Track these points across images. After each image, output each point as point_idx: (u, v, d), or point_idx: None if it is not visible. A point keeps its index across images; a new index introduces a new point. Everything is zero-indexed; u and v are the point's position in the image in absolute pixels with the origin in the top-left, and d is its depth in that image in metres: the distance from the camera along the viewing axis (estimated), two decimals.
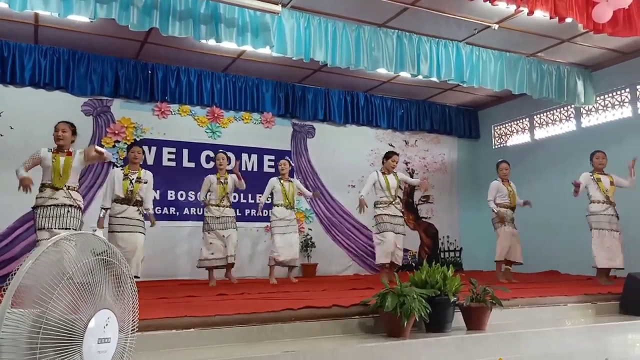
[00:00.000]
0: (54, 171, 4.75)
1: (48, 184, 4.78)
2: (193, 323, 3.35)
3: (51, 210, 4.70)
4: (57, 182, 4.76)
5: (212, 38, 5.53)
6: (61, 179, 4.77)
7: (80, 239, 1.42)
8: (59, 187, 4.76)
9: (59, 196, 4.75)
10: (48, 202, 4.71)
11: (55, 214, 4.70)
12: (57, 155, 4.81)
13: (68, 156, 4.84)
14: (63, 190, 4.78)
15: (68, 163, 4.81)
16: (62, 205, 4.74)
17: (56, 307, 1.30)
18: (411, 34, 6.61)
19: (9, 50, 6.90)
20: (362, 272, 9.08)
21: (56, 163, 4.77)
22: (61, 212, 4.71)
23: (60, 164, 4.78)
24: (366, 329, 3.76)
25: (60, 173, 4.76)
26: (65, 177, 4.80)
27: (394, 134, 9.88)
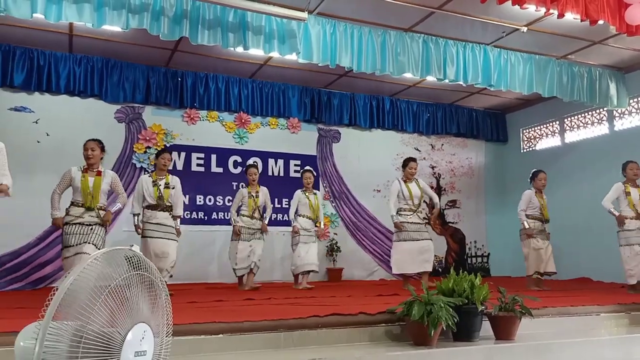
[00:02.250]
0: (84, 192, 4.90)
1: (78, 203, 4.91)
2: (221, 329, 3.40)
3: (76, 228, 4.85)
4: (89, 202, 4.91)
5: (240, 45, 5.61)
6: (93, 200, 4.92)
7: (118, 254, 1.47)
8: (92, 207, 4.91)
9: (86, 216, 4.89)
10: (76, 221, 4.86)
11: (79, 232, 4.85)
12: (86, 175, 4.94)
13: (97, 176, 4.97)
14: (94, 210, 4.93)
15: (97, 184, 4.94)
16: (88, 224, 4.88)
17: (96, 321, 1.35)
18: (437, 38, 6.57)
19: (45, 59, 7.13)
20: (388, 277, 9.04)
21: (85, 183, 4.90)
22: (85, 230, 4.86)
23: (89, 185, 4.90)
24: (393, 337, 3.75)
25: (90, 194, 4.90)
26: (96, 198, 4.95)
27: (420, 138, 9.82)
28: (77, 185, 4.93)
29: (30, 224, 6.63)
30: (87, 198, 4.90)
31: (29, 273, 6.78)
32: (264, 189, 6.91)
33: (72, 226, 4.85)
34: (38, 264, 6.84)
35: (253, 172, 6.83)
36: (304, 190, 7.04)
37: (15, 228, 6.24)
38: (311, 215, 6.95)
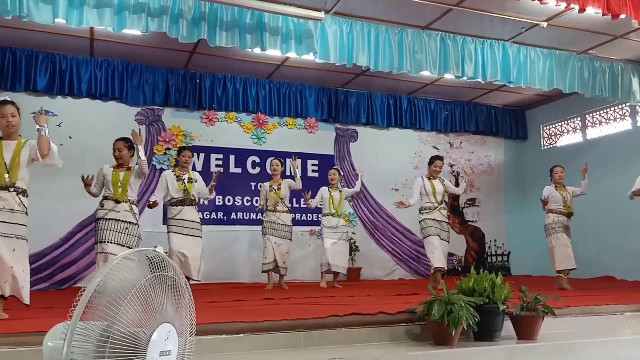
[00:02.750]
0: (114, 185, 4.97)
1: (110, 197, 4.99)
2: (242, 329, 3.42)
3: (111, 224, 4.89)
4: (117, 195, 4.97)
5: (258, 47, 5.64)
6: (122, 192, 4.98)
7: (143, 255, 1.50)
8: (121, 200, 4.97)
9: (120, 209, 4.94)
10: (109, 216, 4.91)
11: (114, 229, 4.88)
12: (117, 171, 5.03)
13: (127, 171, 5.06)
14: (126, 203, 4.99)
15: (127, 178, 5.02)
16: (123, 221, 4.93)
17: (122, 321, 1.38)
18: (455, 35, 6.52)
19: (67, 63, 7.27)
20: (407, 277, 9.02)
21: (116, 177, 4.99)
22: (120, 228, 4.91)
23: (119, 178, 4.99)
24: (413, 337, 3.73)
25: (120, 186, 4.97)
26: (124, 191, 5.00)
27: (439, 137, 9.77)
28: (108, 180, 5.02)
29: (55, 225, 6.77)
30: (117, 190, 4.98)
31: (54, 274, 6.92)
32: (286, 180, 6.95)
33: (107, 222, 4.89)
34: (62, 264, 6.98)
35: (275, 163, 6.92)
36: (330, 187, 7.11)
37: (40, 230, 6.34)
38: (331, 212, 6.98)
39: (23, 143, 4.07)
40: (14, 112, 4.01)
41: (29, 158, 4.04)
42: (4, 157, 3.94)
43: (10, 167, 3.94)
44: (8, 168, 3.93)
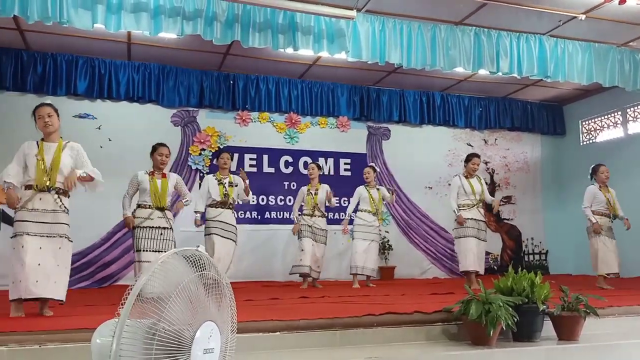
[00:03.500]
0: (153, 193, 5.09)
1: (146, 205, 5.10)
2: (278, 327, 3.46)
3: (146, 232, 5.02)
4: (157, 202, 5.10)
5: (290, 47, 5.68)
6: (160, 201, 5.11)
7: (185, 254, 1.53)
8: (161, 207, 5.11)
9: (154, 217, 5.07)
10: (144, 224, 5.04)
11: (149, 236, 5.02)
12: (154, 178, 5.14)
13: (164, 178, 5.17)
14: (160, 211, 5.11)
15: (165, 185, 5.15)
16: (157, 227, 5.06)
17: (167, 319, 1.42)
18: (490, 30, 6.41)
19: (105, 67, 7.48)
20: (441, 275, 8.92)
21: (154, 185, 5.11)
22: (155, 235, 5.03)
23: (157, 186, 5.11)
24: (450, 337, 3.70)
25: (158, 194, 5.09)
26: (164, 199, 5.14)
27: (473, 133, 9.62)
28: (145, 187, 5.13)
29: (95, 225, 6.97)
30: (156, 199, 5.09)
31: (95, 272, 7.12)
32: (324, 186, 6.98)
33: (143, 230, 5.02)
34: (103, 263, 7.18)
35: (311, 166, 6.98)
36: (366, 185, 7.07)
37: (82, 229, 6.50)
38: (371, 210, 6.95)
39: (63, 145, 4.17)
40: (50, 112, 4.10)
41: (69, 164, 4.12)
42: (44, 159, 4.04)
43: (51, 169, 4.03)
44: (48, 170, 4.02)
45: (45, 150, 4.05)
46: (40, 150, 4.04)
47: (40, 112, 4.09)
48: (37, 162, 3.99)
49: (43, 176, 3.98)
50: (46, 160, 4.02)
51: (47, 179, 3.99)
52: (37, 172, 3.97)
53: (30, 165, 4.01)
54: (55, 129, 4.14)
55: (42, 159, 4.01)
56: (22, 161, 4.03)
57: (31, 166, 4.01)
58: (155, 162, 5.24)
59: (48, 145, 4.09)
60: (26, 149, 4.08)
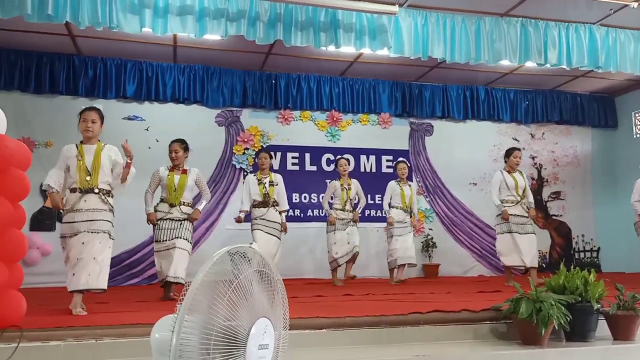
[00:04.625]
0: (169, 188, 5.19)
1: (165, 200, 5.21)
2: (325, 324, 3.48)
3: (166, 224, 5.13)
4: (172, 199, 5.19)
5: (332, 44, 5.69)
6: (176, 196, 5.18)
7: (240, 251, 1.57)
8: (175, 203, 5.18)
9: (174, 212, 5.16)
10: (165, 217, 5.15)
11: (169, 227, 5.12)
12: (172, 174, 5.23)
13: (183, 174, 5.25)
14: (178, 207, 5.19)
15: (182, 182, 5.22)
16: (176, 219, 5.16)
17: (224, 315, 1.45)
18: (537, 21, 6.23)
19: (152, 70, 7.70)
20: (487, 273, 8.75)
21: (170, 181, 5.19)
22: (175, 225, 5.13)
23: (174, 182, 5.19)
24: (498, 336, 3.63)
25: (174, 190, 5.18)
26: (180, 194, 5.20)
27: (518, 127, 9.38)
28: (164, 183, 5.24)
29: (144, 223, 7.13)
30: (172, 194, 5.19)
31: (144, 269, 7.35)
32: (355, 181, 7.02)
33: (163, 222, 5.14)
34: (152, 261, 7.37)
35: (342, 163, 6.96)
36: (398, 180, 7.03)
37: (133, 227, 6.75)
38: (403, 206, 6.89)
39: (102, 147, 4.29)
40: (94, 119, 4.21)
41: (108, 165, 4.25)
42: (85, 161, 4.17)
43: (92, 170, 4.16)
44: (90, 171, 4.15)
45: (85, 152, 4.17)
46: (80, 152, 4.16)
47: (85, 116, 4.21)
48: (78, 162, 4.11)
49: (85, 177, 4.10)
50: (86, 161, 4.14)
51: (89, 180, 4.11)
52: (79, 173, 4.10)
53: (72, 168, 4.14)
54: (94, 135, 4.23)
55: (82, 160, 4.13)
56: (64, 164, 4.16)
57: (72, 167, 4.13)
58: (169, 158, 5.34)
59: (87, 147, 4.20)
60: (66, 152, 4.20)
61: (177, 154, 5.27)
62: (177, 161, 5.28)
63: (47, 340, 3.02)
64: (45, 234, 7.12)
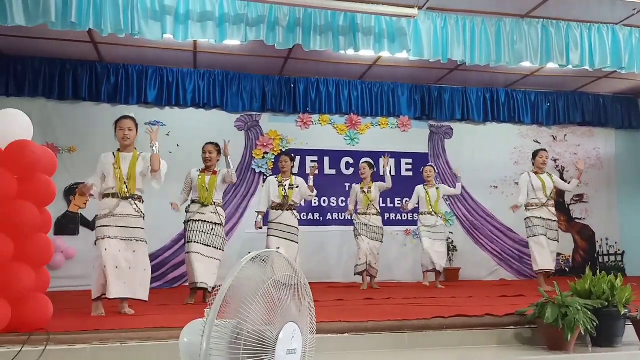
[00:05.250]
0: (200, 188, 5.25)
1: (196, 200, 5.27)
2: (346, 328, 3.47)
3: (197, 225, 5.17)
4: (204, 198, 5.24)
5: (351, 48, 5.69)
6: (208, 197, 5.24)
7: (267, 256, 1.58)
8: (207, 203, 5.24)
9: (206, 212, 5.21)
10: (196, 217, 5.20)
11: (200, 229, 5.16)
12: (203, 175, 5.30)
13: (213, 175, 5.31)
14: (211, 206, 5.25)
15: (213, 181, 5.28)
16: (208, 222, 5.19)
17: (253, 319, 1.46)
18: (558, 22, 6.15)
19: (173, 75, 7.79)
20: (509, 277, 8.64)
21: (201, 181, 5.27)
22: (206, 229, 5.17)
23: (205, 183, 5.26)
24: (523, 341, 3.59)
25: (206, 190, 5.23)
26: (211, 194, 5.26)
27: (540, 130, 9.27)
28: (195, 184, 5.32)
29: (166, 227, 7.24)
30: (203, 194, 5.25)
31: (166, 273, 7.42)
32: (376, 183, 7.00)
33: (194, 223, 5.18)
34: (174, 264, 7.47)
35: (363, 166, 6.97)
36: (425, 184, 7.05)
37: (154, 231, 6.79)
38: (428, 209, 6.89)
39: (137, 155, 4.41)
40: (130, 127, 4.37)
41: (142, 171, 4.36)
42: (121, 169, 4.28)
43: (128, 178, 4.27)
44: (126, 179, 4.26)
45: (122, 160, 4.30)
46: (117, 160, 4.29)
47: (121, 125, 4.35)
48: (115, 170, 4.24)
49: (122, 185, 4.22)
50: (123, 170, 4.26)
51: (126, 187, 4.23)
52: (115, 180, 4.22)
53: (108, 175, 4.27)
54: (132, 142, 4.40)
55: (119, 168, 4.25)
56: (100, 172, 4.32)
57: (109, 175, 4.27)
58: (203, 159, 5.41)
59: (124, 156, 4.34)
60: (103, 160, 4.37)
61: (210, 155, 5.36)
62: (209, 162, 5.36)
63: (73, 343, 3.07)
64: (68, 237, 7.23)
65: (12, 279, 3.00)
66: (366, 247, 6.73)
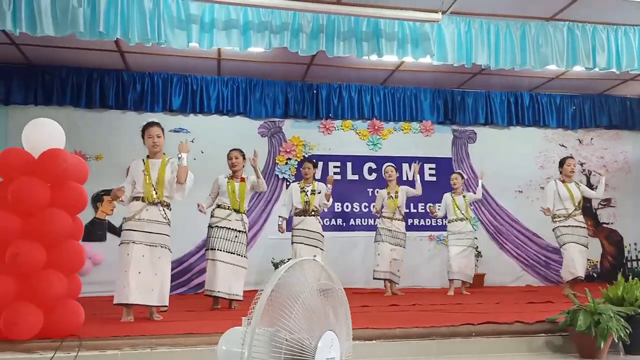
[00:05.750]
0: (231, 195, 5.29)
1: (225, 206, 5.30)
2: (374, 335, 3.46)
3: (222, 232, 5.19)
4: (235, 204, 5.30)
5: (374, 54, 5.67)
6: (240, 203, 5.31)
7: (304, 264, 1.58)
8: (241, 210, 5.30)
9: (232, 218, 5.25)
10: (222, 224, 5.21)
11: (225, 236, 5.18)
12: (232, 182, 5.33)
13: (242, 182, 5.35)
14: (240, 213, 5.29)
15: (243, 189, 5.33)
16: (233, 229, 5.22)
17: (293, 328, 1.46)
18: (584, 24, 6.05)
19: (197, 83, 7.88)
20: (535, 283, 8.50)
21: (231, 188, 5.31)
22: (231, 236, 5.19)
23: (235, 190, 5.30)
24: (554, 349, 3.53)
25: (237, 197, 5.28)
26: (242, 201, 5.32)
27: (565, 133, 9.12)
28: (224, 190, 5.34)
29: (191, 233, 7.30)
30: (235, 201, 5.30)
31: (191, 279, 7.48)
32: (403, 187, 6.98)
33: (219, 230, 5.20)
34: (198, 270, 7.52)
35: (389, 170, 6.94)
36: (452, 192, 7.02)
37: (179, 237, 6.85)
38: (456, 217, 6.83)
39: (166, 161, 4.48)
40: (159, 134, 4.44)
41: (169, 180, 4.41)
42: (150, 175, 4.35)
43: (157, 184, 4.33)
44: (155, 186, 4.32)
45: (151, 167, 4.37)
46: (146, 167, 4.36)
47: (150, 132, 4.42)
48: (144, 177, 4.31)
49: (151, 190, 4.28)
50: (152, 176, 4.32)
51: (155, 194, 4.29)
52: (145, 187, 4.28)
53: (137, 181, 4.35)
54: (161, 148, 4.47)
55: (149, 174, 4.32)
56: (131, 178, 4.40)
57: (139, 181, 4.35)
58: (229, 165, 5.45)
59: (153, 162, 4.41)
60: (133, 166, 4.46)
61: (236, 161, 5.41)
62: (236, 167, 5.41)
63: (104, 349, 3.12)
64: (96, 244, 7.35)
65: (45, 286, 3.06)
66: (388, 254, 6.68)
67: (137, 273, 4.09)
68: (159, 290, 4.21)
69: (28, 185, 3.04)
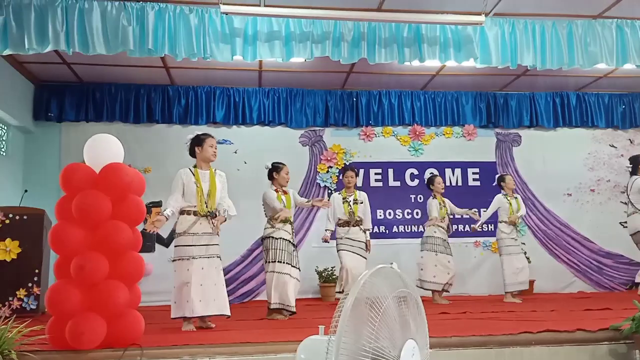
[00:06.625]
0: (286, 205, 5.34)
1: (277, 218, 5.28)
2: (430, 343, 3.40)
3: (280, 244, 5.17)
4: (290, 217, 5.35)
5: (416, 59, 5.64)
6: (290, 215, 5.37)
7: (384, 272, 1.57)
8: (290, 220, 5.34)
9: (288, 229, 5.28)
10: (275, 234, 5.20)
11: (284, 248, 5.17)
12: (279, 195, 5.34)
13: (286, 195, 5.40)
14: (291, 225, 5.34)
15: (289, 200, 5.38)
16: (290, 242, 5.24)
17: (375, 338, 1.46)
18: (634, 21, 5.86)
19: (239, 95, 8.01)
20: (587, 289, 8.21)
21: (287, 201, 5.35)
22: (290, 249, 5.20)
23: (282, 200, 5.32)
24: (618, 357, 3.40)
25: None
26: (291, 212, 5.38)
27: (615, 133, 8.82)
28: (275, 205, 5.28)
29: (236, 243, 7.39)
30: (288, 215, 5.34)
31: (237, 288, 7.56)
32: (447, 200, 7.00)
33: (276, 241, 5.17)
34: (244, 279, 7.61)
35: (439, 181, 6.88)
36: (505, 194, 6.84)
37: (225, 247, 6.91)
38: (507, 220, 6.67)
39: (214, 172, 4.56)
40: (215, 145, 4.57)
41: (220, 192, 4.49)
42: (202, 187, 4.40)
43: (209, 195, 4.40)
44: (206, 198, 4.38)
45: (201, 177, 4.44)
46: (196, 178, 4.42)
47: (211, 142, 4.55)
48: (197, 188, 4.37)
49: (204, 202, 4.35)
50: (203, 188, 4.39)
51: (206, 205, 4.36)
52: (198, 199, 4.34)
53: (188, 192, 4.40)
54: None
55: (200, 186, 4.38)
56: (181, 188, 4.42)
57: (189, 193, 4.39)
58: (282, 182, 5.43)
59: (203, 173, 4.49)
60: (183, 175, 4.49)
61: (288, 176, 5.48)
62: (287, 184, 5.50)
63: (164, 358, 3.18)
64: (145, 254, 7.50)
65: (108, 296, 3.15)
66: (439, 264, 6.58)
67: (199, 286, 4.18)
68: (220, 299, 4.30)
69: (91, 199, 3.14)
